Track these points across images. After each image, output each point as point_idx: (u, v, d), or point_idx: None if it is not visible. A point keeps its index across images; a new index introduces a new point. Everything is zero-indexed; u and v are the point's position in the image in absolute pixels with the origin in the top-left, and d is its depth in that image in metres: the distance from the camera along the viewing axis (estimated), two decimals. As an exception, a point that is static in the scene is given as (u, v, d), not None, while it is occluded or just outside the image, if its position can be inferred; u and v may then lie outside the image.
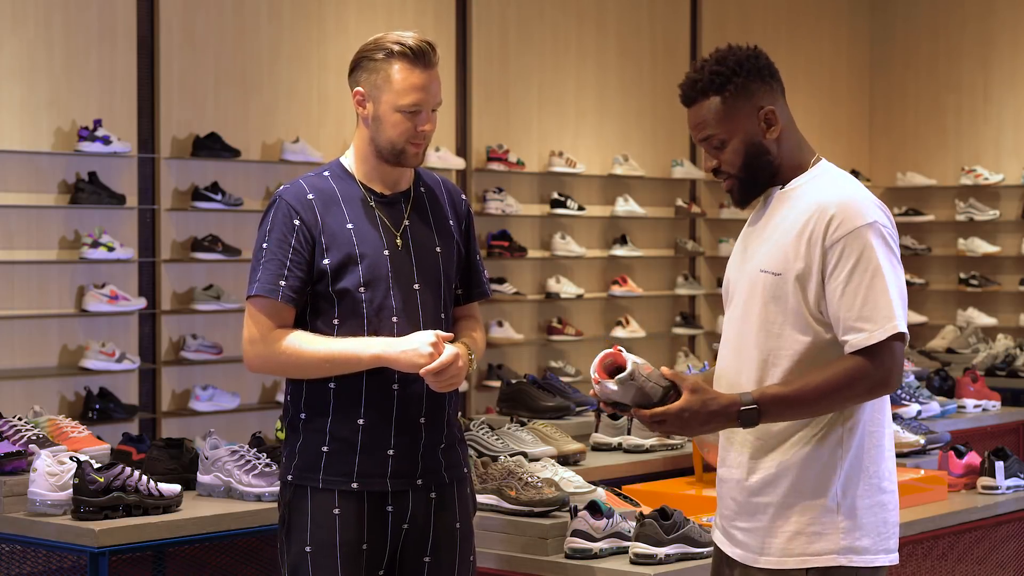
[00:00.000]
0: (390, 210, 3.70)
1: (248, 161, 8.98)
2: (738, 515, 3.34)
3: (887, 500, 3.31)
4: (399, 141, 3.64)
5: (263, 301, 3.59)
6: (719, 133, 3.34)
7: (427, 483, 3.67)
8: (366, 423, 3.61)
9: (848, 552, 3.25)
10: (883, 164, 13.19)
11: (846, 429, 3.25)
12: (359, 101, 3.67)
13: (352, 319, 3.61)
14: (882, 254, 3.21)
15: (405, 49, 3.61)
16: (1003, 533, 5.49)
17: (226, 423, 8.62)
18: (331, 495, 3.61)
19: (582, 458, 5.56)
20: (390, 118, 3.63)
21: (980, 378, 7.77)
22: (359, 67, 3.67)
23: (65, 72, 8.29)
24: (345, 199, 3.68)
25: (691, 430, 3.22)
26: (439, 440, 3.69)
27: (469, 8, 10.29)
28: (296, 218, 3.62)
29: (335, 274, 3.60)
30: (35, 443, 4.93)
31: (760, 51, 3.38)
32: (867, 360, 3.18)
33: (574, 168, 10.69)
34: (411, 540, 3.67)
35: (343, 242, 3.62)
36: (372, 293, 3.61)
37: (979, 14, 12.72)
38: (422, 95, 3.63)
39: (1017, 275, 12.35)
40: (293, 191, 3.67)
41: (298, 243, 3.60)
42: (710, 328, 11.80)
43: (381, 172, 3.71)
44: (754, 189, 3.38)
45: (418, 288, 3.67)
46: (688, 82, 3.36)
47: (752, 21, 12.11)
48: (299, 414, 3.66)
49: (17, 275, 8.13)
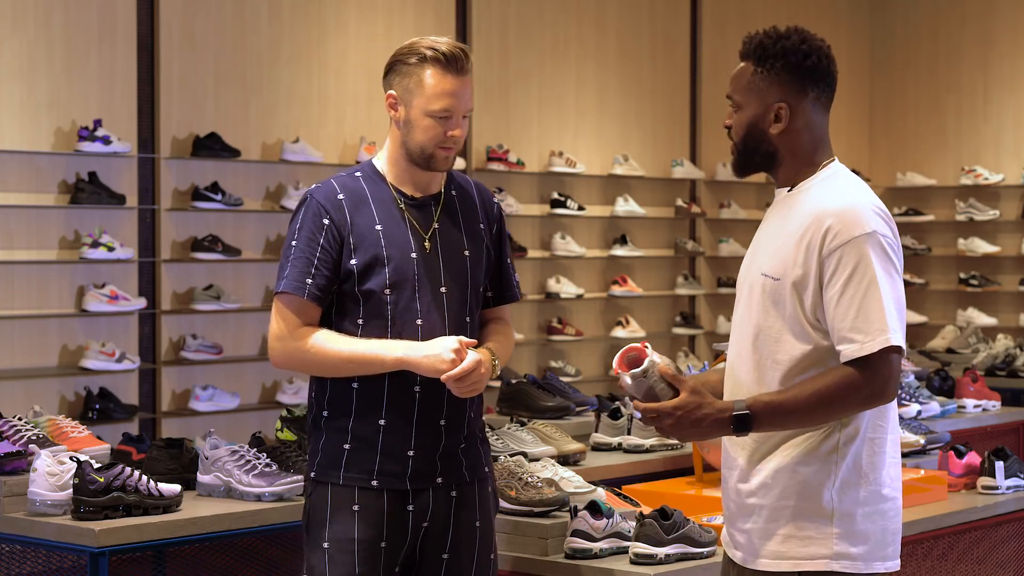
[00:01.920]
0: (420, 213, 3.72)
1: (248, 161, 8.98)
2: (737, 517, 3.34)
3: (888, 508, 3.29)
4: (429, 146, 3.67)
5: (290, 298, 3.62)
6: (737, 97, 3.36)
7: (447, 482, 3.69)
8: (387, 424, 3.64)
9: (841, 558, 3.23)
10: (883, 164, 13.18)
11: (844, 435, 3.24)
12: (391, 104, 3.70)
13: (376, 320, 3.63)
14: (879, 265, 3.19)
15: (438, 54, 3.63)
16: (1003, 533, 5.49)
17: (226, 423, 8.62)
18: (351, 492, 3.63)
19: (582, 458, 5.56)
20: (421, 122, 3.65)
21: (980, 378, 7.77)
22: (392, 70, 3.70)
23: (65, 72, 8.29)
24: (375, 200, 3.69)
25: (684, 431, 3.22)
26: (459, 441, 3.71)
27: (469, 8, 10.29)
28: (326, 217, 3.64)
29: (362, 275, 3.63)
30: (35, 443, 4.93)
31: (823, 54, 3.35)
32: (860, 371, 3.16)
33: (574, 168, 10.69)
34: (430, 537, 3.69)
35: (371, 243, 3.64)
36: (397, 295, 3.63)
37: (979, 14, 12.72)
38: (453, 101, 3.65)
39: (1017, 275, 12.35)
40: (324, 191, 3.69)
41: (327, 242, 3.63)
42: (710, 328, 11.80)
43: (412, 175, 3.73)
44: (749, 166, 3.38)
45: (445, 291, 3.69)
46: (747, 39, 3.38)
47: (752, 21, 12.11)
48: (322, 412, 3.70)
49: (17, 275, 8.13)
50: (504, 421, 5.76)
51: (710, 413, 3.19)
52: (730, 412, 3.19)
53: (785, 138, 3.33)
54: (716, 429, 3.22)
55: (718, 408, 3.20)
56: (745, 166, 3.39)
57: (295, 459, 4.89)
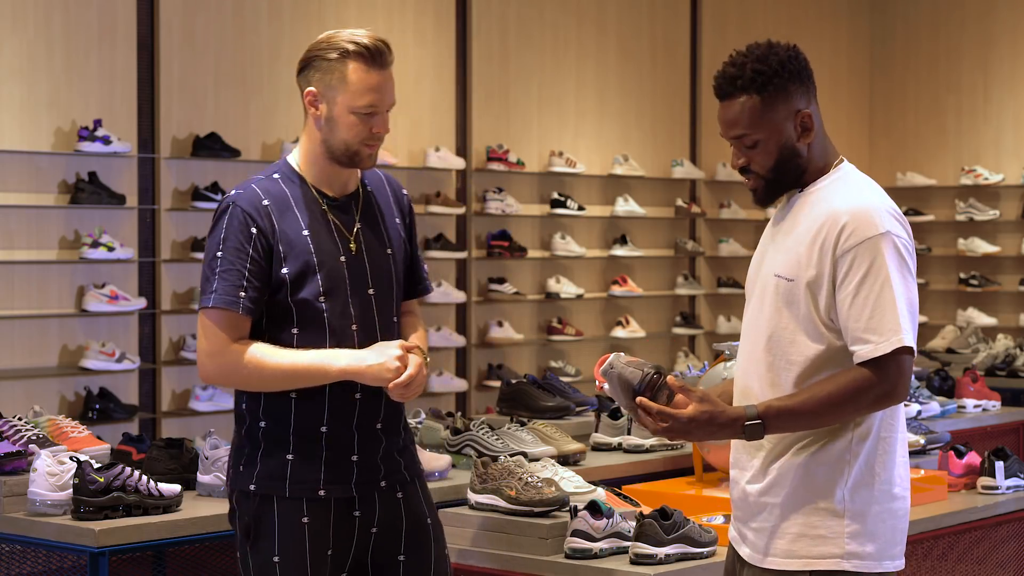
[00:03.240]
0: (342, 214, 3.61)
1: (248, 161, 8.98)
2: (747, 515, 3.34)
3: (898, 507, 3.29)
4: (354, 143, 3.55)
5: (221, 313, 3.48)
6: (753, 133, 3.27)
7: (391, 483, 3.65)
8: (328, 432, 3.56)
9: (852, 557, 3.23)
10: (883, 164, 13.18)
11: (857, 434, 3.24)
12: (311, 101, 3.56)
13: (312, 328, 3.53)
14: (893, 265, 3.18)
15: (361, 48, 3.51)
16: (1003, 533, 5.49)
17: (226, 423, 8.61)
18: (299, 503, 3.55)
19: (582, 458, 5.56)
20: (345, 120, 3.53)
21: (980, 378, 7.77)
22: (310, 66, 3.55)
23: (65, 72, 8.29)
24: (298, 204, 3.57)
25: (695, 438, 3.23)
26: (397, 444, 3.68)
27: (469, 8, 10.29)
28: (253, 226, 3.49)
29: (294, 283, 3.51)
30: (35, 443, 4.93)
31: (799, 51, 3.31)
32: (873, 372, 3.16)
33: (574, 168, 10.69)
34: (382, 541, 3.63)
35: (300, 250, 3.52)
36: (332, 302, 3.54)
37: (979, 14, 12.72)
38: (378, 96, 3.53)
39: (1017, 275, 12.35)
40: (247, 196, 3.53)
41: (256, 252, 3.48)
42: (710, 328, 11.80)
43: (331, 174, 3.61)
44: (779, 190, 3.33)
45: (373, 294, 3.60)
46: (727, 77, 3.27)
47: (752, 21, 12.11)
48: (258, 423, 3.57)
49: (17, 275, 8.13)
50: (504, 421, 5.76)
51: (725, 422, 3.19)
52: (742, 420, 3.18)
53: (813, 145, 3.30)
54: (728, 435, 3.22)
55: (731, 416, 3.19)
56: (774, 193, 3.33)
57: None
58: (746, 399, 3.31)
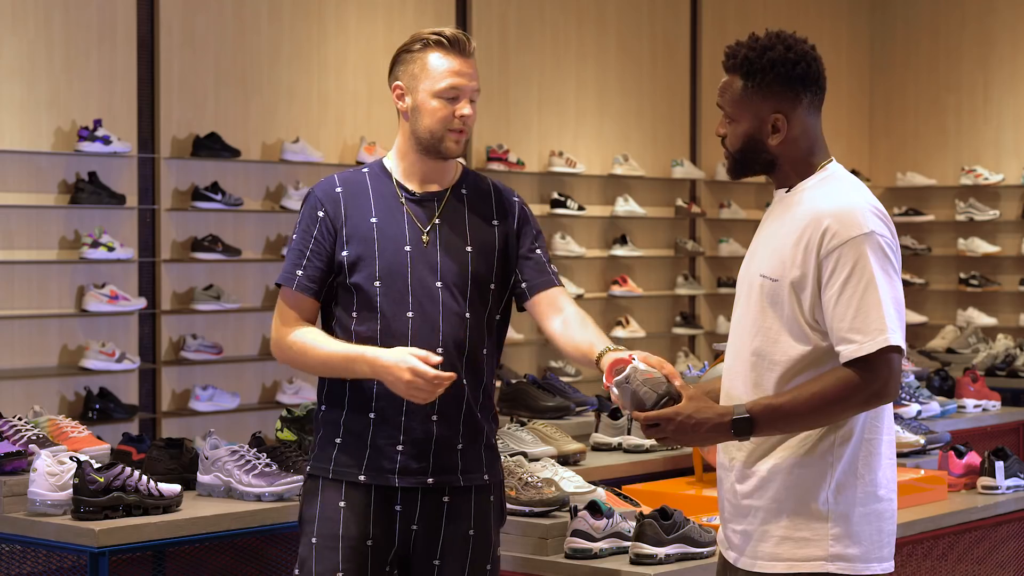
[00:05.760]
0: (420, 207, 3.68)
1: (248, 161, 8.98)
2: (733, 517, 3.34)
3: (884, 508, 3.28)
4: (438, 129, 3.64)
5: (283, 290, 3.66)
6: (730, 111, 3.33)
7: (439, 484, 3.61)
8: (376, 417, 3.60)
9: (837, 559, 3.22)
10: (883, 164, 13.19)
11: (839, 436, 3.23)
12: (399, 95, 3.67)
13: (367, 312, 3.60)
14: (877, 265, 3.17)
15: (441, 38, 3.62)
16: (1003, 533, 5.49)
17: (226, 423, 8.62)
18: (339, 487, 3.60)
19: (582, 458, 5.56)
20: (428, 105, 3.62)
21: (980, 378, 7.77)
22: (397, 62, 3.68)
23: (65, 72, 8.29)
24: (375, 194, 3.67)
25: (685, 438, 3.21)
26: (454, 439, 3.62)
27: (469, 8, 10.29)
28: (321, 210, 3.64)
29: (351, 267, 3.61)
30: (35, 443, 4.93)
31: (809, 59, 3.31)
32: (859, 372, 3.15)
33: (574, 168, 10.69)
34: (421, 542, 3.63)
35: (364, 236, 3.62)
36: (387, 288, 3.59)
37: (979, 14, 12.72)
38: (459, 79, 3.62)
39: (1017, 275, 12.35)
40: (324, 185, 3.70)
41: (320, 234, 3.63)
42: (710, 328, 11.80)
43: (420, 168, 3.70)
44: (746, 171, 3.37)
45: (440, 286, 3.63)
46: (728, 52, 3.35)
47: (752, 21, 12.10)
48: (320, 407, 3.70)
49: (17, 275, 8.13)
50: (504, 421, 5.77)
51: (710, 418, 3.18)
52: (730, 416, 3.18)
53: (784, 147, 3.31)
54: (716, 434, 3.21)
55: (718, 413, 3.19)
56: (741, 172, 3.38)
57: (295, 459, 4.89)
58: (729, 399, 3.31)
